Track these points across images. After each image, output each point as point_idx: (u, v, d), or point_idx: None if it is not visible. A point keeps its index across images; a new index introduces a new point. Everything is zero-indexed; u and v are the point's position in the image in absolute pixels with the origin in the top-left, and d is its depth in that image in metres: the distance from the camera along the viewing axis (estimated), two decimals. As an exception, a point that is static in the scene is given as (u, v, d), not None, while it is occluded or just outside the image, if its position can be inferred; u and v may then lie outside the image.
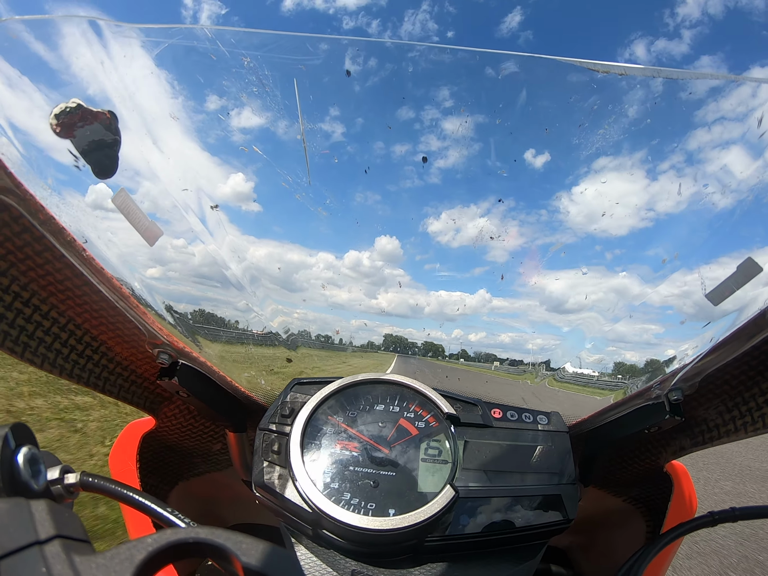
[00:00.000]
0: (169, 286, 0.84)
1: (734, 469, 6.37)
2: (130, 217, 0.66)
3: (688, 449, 0.84)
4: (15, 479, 0.44)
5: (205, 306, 0.90)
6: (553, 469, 0.80)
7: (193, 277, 0.86)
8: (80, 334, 0.72)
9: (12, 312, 0.62)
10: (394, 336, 1.15)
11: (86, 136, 0.59)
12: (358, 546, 0.71)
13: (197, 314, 0.89)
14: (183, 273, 0.84)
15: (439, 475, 0.76)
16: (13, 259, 0.59)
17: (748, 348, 0.65)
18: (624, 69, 0.69)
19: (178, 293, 0.86)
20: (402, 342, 1.16)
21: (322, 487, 0.72)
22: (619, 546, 1.09)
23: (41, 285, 0.64)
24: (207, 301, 0.90)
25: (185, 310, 0.85)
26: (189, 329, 0.83)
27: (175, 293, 0.85)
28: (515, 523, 0.73)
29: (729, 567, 3.31)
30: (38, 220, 0.55)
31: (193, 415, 0.97)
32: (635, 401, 0.81)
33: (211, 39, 0.70)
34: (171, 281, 0.84)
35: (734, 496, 5.05)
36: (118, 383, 0.81)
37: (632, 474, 0.99)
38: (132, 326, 0.71)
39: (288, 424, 0.82)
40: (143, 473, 0.93)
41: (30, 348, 0.65)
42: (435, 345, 1.13)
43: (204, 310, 0.90)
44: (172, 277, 0.83)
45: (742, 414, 0.75)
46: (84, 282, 0.64)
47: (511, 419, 0.87)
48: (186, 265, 0.83)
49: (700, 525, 0.74)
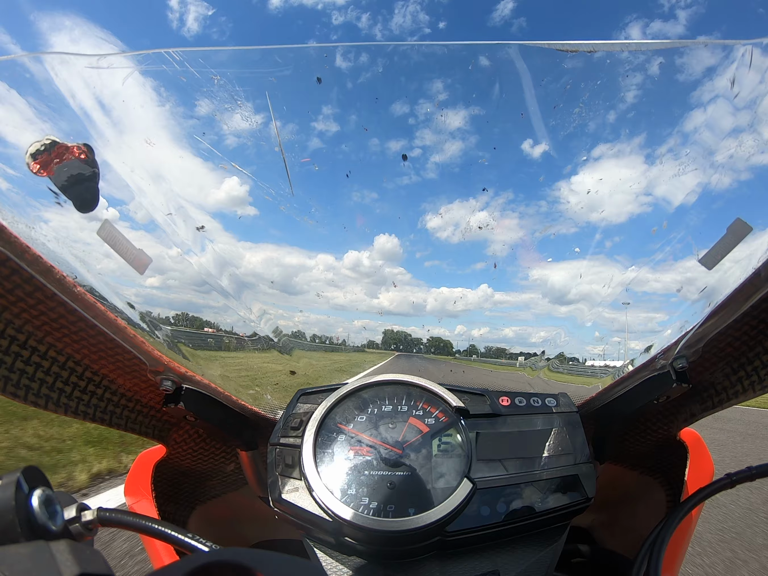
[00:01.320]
0: (169, 294, 0.84)
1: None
2: (117, 248, 0.66)
3: (699, 415, 0.85)
4: (32, 523, 0.43)
5: (205, 314, 0.90)
6: (567, 450, 0.80)
7: (191, 286, 0.85)
8: (81, 371, 0.72)
9: (10, 356, 0.61)
10: (395, 332, 1.14)
11: (64, 172, 0.59)
12: (383, 549, 0.70)
13: (191, 321, 0.88)
14: (181, 283, 0.84)
15: (454, 470, 0.76)
16: (4, 303, 0.59)
17: (747, 308, 0.65)
18: (593, 46, 0.70)
19: (177, 302, 0.86)
20: (403, 339, 1.15)
21: (339, 495, 0.72)
22: (641, 518, 1.10)
23: (36, 325, 0.63)
24: (207, 309, 0.89)
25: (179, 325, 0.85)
26: (189, 352, 0.83)
27: (175, 302, 0.85)
28: (536, 508, 0.73)
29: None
30: (25, 261, 0.55)
31: (202, 438, 0.96)
32: (641, 374, 0.81)
33: (180, 61, 0.70)
34: (170, 290, 0.84)
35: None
36: (125, 415, 0.81)
37: (646, 446, 0.99)
38: (132, 356, 0.71)
39: (298, 436, 0.81)
40: (160, 501, 0.92)
41: (32, 390, 0.64)
42: (442, 341, 1.12)
43: (201, 318, 0.90)
44: (171, 285, 0.83)
45: (748, 374, 0.75)
46: (79, 318, 0.63)
47: (520, 405, 0.87)
48: (183, 274, 0.83)
49: (719, 488, 0.75)
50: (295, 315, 1.02)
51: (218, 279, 0.85)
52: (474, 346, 1.09)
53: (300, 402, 0.88)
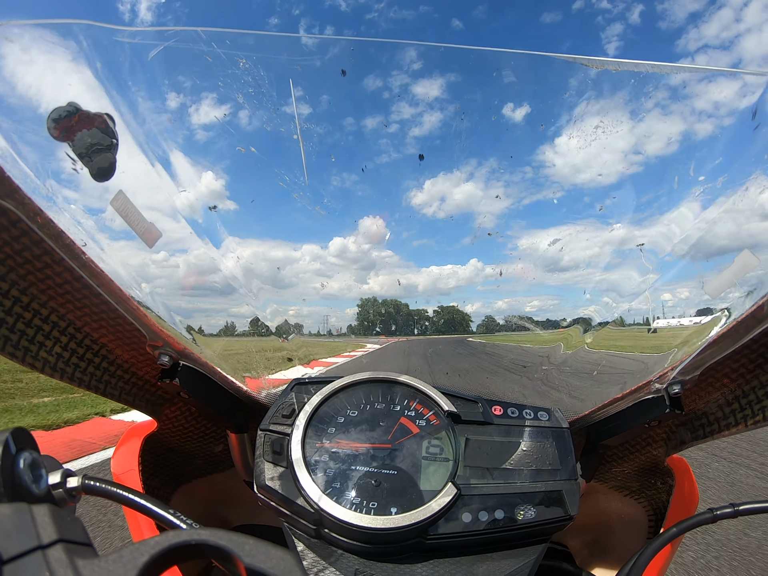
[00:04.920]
0: (170, 283, 0.84)
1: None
2: (128, 219, 0.66)
3: (689, 443, 0.84)
4: (16, 484, 0.44)
5: (201, 304, 0.90)
6: (555, 465, 0.80)
7: (184, 283, 0.85)
8: (80, 338, 0.72)
9: (12, 316, 0.62)
10: (380, 303, 1.06)
11: (84, 140, 0.59)
12: (361, 545, 0.71)
13: (194, 311, 0.88)
14: (169, 286, 0.84)
15: (440, 473, 0.76)
16: (11, 264, 0.59)
17: (747, 341, 0.65)
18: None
19: (176, 293, 0.86)
20: (394, 314, 1.09)
21: (323, 487, 0.73)
22: (621, 542, 1.10)
23: (41, 289, 0.64)
24: (202, 300, 0.89)
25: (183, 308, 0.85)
26: (188, 329, 0.83)
27: (174, 294, 0.85)
28: (517, 520, 0.73)
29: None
30: (36, 224, 0.55)
31: (194, 416, 0.97)
32: (635, 395, 0.81)
33: (206, 41, 0.71)
34: (170, 279, 0.84)
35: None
36: (119, 386, 0.82)
37: (633, 469, 0.99)
38: (132, 328, 0.71)
39: (289, 424, 0.82)
40: (145, 476, 0.93)
41: (31, 352, 0.65)
42: (458, 312, 1.05)
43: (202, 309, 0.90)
44: (163, 285, 0.83)
45: (742, 407, 0.75)
46: (83, 285, 0.64)
47: (512, 416, 0.87)
48: (174, 274, 0.83)
49: (700, 522, 0.74)
50: (290, 308, 1.01)
51: (215, 273, 0.84)
52: (491, 317, 1.05)
53: (294, 391, 0.89)
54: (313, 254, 1.02)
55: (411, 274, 1.04)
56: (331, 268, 1.01)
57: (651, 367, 0.80)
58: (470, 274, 1.02)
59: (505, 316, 1.02)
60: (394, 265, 1.03)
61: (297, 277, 1.03)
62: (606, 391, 0.88)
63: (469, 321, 1.07)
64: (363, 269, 1.03)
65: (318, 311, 1.05)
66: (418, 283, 1.04)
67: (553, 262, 0.94)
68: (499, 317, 1.04)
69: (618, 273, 0.90)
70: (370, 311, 1.08)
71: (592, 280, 0.93)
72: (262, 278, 0.94)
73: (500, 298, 1.02)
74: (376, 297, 1.06)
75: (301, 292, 1.02)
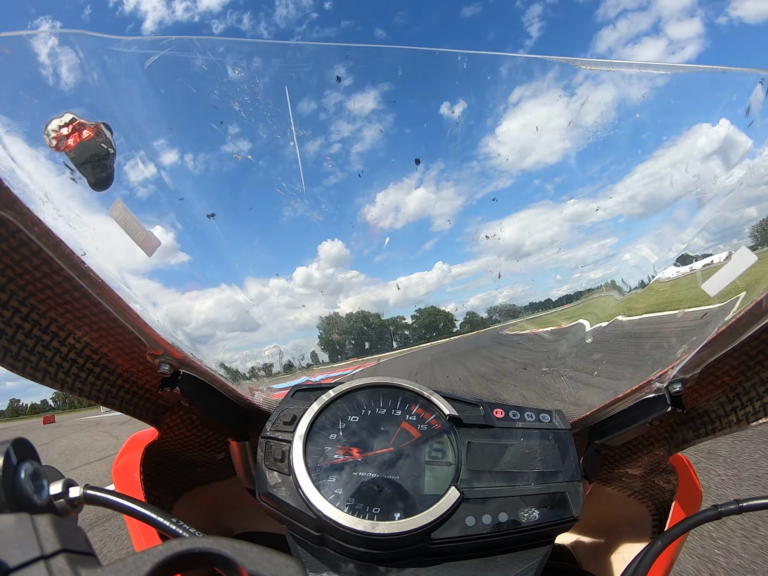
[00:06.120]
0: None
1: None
2: (127, 228, 0.66)
3: (691, 441, 0.84)
4: (18, 495, 0.44)
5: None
6: (557, 467, 0.80)
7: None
8: (80, 348, 0.72)
9: (11, 327, 0.62)
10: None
11: (82, 149, 0.59)
12: (364, 551, 0.70)
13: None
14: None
15: (443, 477, 0.76)
16: (11, 274, 0.59)
17: (747, 338, 0.65)
18: None
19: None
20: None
21: (325, 493, 0.72)
22: (626, 541, 1.09)
23: (40, 299, 0.64)
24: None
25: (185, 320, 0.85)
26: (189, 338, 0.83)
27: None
28: (521, 522, 0.73)
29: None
30: (35, 234, 0.55)
31: (195, 424, 0.96)
32: (636, 395, 0.81)
33: (201, 49, 0.71)
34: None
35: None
36: (120, 395, 0.81)
37: (636, 468, 0.99)
38: (132, 337, 0.71)
39: (290, 431, 0.81)
40: (147, 485, 0.92)
41: (31, 363, 0.64)
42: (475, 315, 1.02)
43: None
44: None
45: (743, 404, 0.75)
46: (83, 294, 0.64)
47: (514, 418, 0.86)
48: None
49: (705, 519, 0.74)
50: (265, 349, 0.99)
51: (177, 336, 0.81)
52: (515, 305, 1.01)
53: (295, 398, 0.89)
54: (281, 287, 0.99)
55: (380, 290, 1.03)
56: (300, 298, 0.99)
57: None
58: (438, 278, 1.02)
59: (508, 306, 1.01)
60: (362, 284, 1.02)
61: (271, 314, 1.00)
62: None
63: (455, 321, 1.07)
64: (332, 293, 1.01)
65: (295, 344, 1.03)
66: (388, 297, 1.03)
67: (515, 249, 0.94)
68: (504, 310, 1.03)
69: (583, 247, 0.92)
70: (333, 331, 1.05)
71: (559, 259, 0.93)
72: (227, 327, 0.93)
73: (472, 294, 1.02)
74: (337, 312, 1.03)
75: (275, 329, 0.99)
